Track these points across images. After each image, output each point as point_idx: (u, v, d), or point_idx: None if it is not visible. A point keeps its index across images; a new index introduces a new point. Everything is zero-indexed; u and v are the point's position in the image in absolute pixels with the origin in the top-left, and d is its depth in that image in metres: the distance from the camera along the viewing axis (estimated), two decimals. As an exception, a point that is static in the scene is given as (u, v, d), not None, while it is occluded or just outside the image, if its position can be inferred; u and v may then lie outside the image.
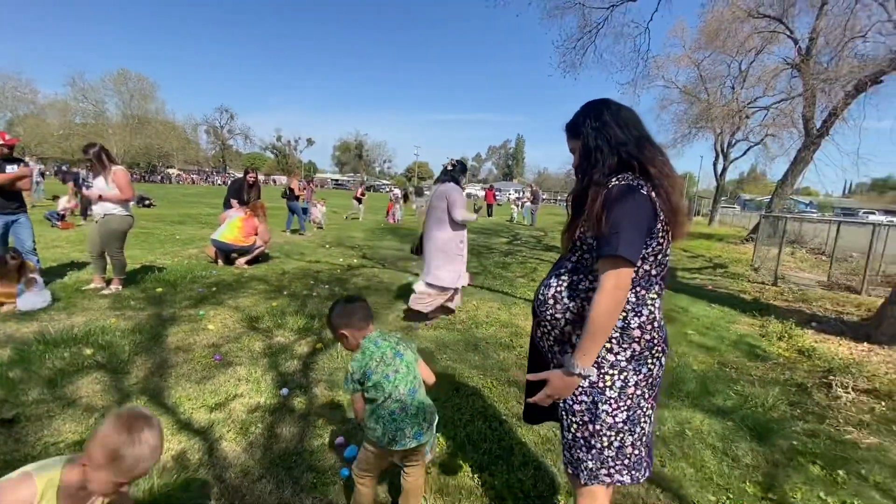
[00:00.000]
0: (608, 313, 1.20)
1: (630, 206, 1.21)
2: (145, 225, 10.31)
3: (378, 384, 1.60)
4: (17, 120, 44.22)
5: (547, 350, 1.44)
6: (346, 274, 6.35)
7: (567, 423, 1.38)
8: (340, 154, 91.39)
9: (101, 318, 3.88)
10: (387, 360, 1.64)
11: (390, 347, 1.68)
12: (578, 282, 1.34)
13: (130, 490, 1.61)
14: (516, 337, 4.05)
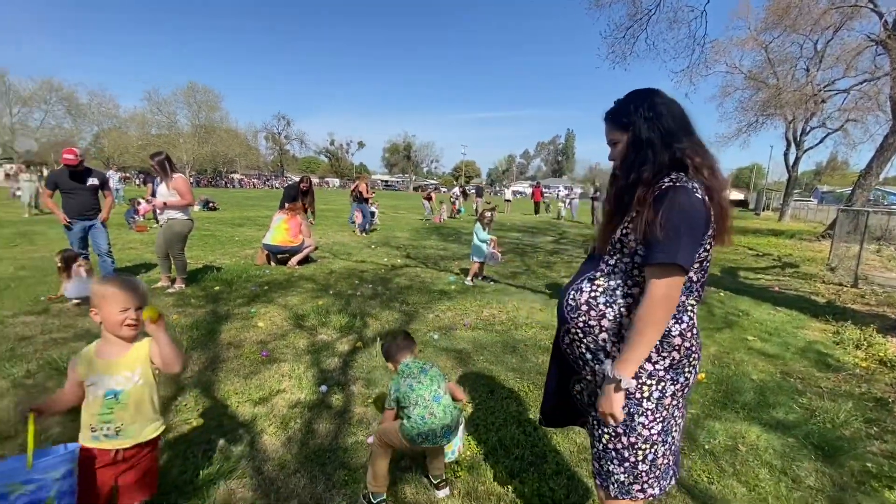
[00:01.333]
0: (656, 323, 1.14)
1: (688, 210, 1.13)
2: (208, 227, 11.07)
3: (406, 395, 1.89)
4: (103, 133, 49.06)
5: (576, 358, 1.36)
6: (390, 273, 6.47)
7: (598, 434, 1.33)
8: (390, 156, 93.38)
9: (166, 315, 4.20)
10: (413, 376, 1.95)
11: (418, 367, 1.99)
12: (616, 287, 1.25)
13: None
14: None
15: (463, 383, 2.98)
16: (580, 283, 1.34)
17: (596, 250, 1.37)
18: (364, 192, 10.97)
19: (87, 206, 4.94)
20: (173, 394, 2.75)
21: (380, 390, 2.83)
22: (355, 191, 11.23)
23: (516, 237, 11.85)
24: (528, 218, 20.32)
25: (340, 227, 13.00)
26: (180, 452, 2.16)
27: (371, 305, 4.77)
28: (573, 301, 1.33)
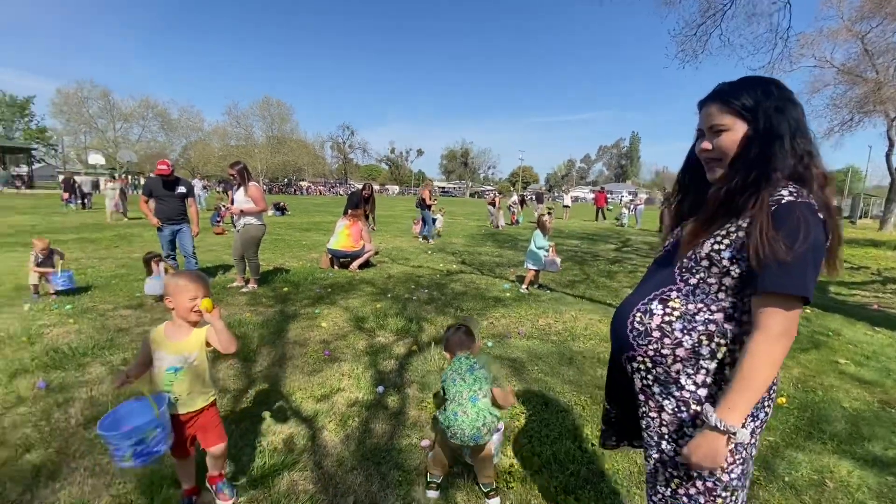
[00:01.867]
0: (774, 364, 0.97)
1: (815, 234, 0.95)
2: (279, 232, 11.83)
3: (447, 387, 1.97)
4: (190, 144, 54.17)
5: (641, 389, 1.18)
6: (446, 279, 6.54)
7: (665, 477, 1.15)
8: (447, 162, 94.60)
9: (240, 313, 4.56)
10: (460, 372, 1.98)
11: (467, 365, 2.01)
12: (696, 312, 1.07)
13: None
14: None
15: (518, 394, 2.94)
16: (649, 303, 1.14)
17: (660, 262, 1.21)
18: (427, 199, 11.23)
19: (176, 212, 5.48)
20: (245, 386, 2.97)
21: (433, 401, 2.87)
22: (420, 197, 11.47)
23: (575, 244, 11.51)
24: (589, 224, 19.68)
25: (400, 232, 13.36)
26: (250, 442, 2.33)
27: (426, 310, 4.86)
28: (641, 325, 1.14)
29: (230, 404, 2.73)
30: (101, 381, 2.97)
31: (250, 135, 54.03)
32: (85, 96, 45.93)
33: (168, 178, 5.35)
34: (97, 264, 6.78)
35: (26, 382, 2.90)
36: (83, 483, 1.97)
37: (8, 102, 50.33)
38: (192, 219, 5.60)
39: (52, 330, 3.90)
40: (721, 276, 1.04)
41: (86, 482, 1.98)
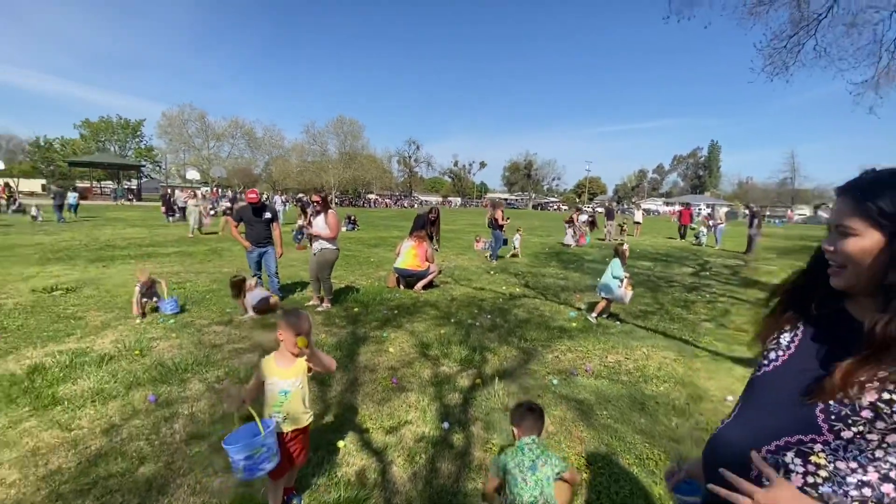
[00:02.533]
0: None
1: None
2: (349, 247, 12.45)
3: (508, 482, 1.90)
4: (271, 160, 58.73)
5: None
6: (508, 303, 6.51)
7: None
8: (510, 174, 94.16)
9: (316, 333, 4.86)
10: (521, 468, 1.88)
11: (530, 459, 1.91)
12: (848, 472, 0.84)
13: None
14: (696, 401, 3.54)
15: (585, 441, 2.86)
16: (780, 453, 0.89)
17: (768, 385, 0.97)
18: (499, 220, 10.99)
19: (262, 236, 6.00)
20: (322, 411, 3.17)
21: (499, 439, 2.87)
22: (491, 218, 11.23)
23: (647, 267, 10.91)
24: (661, 242, 18.51)
25: (462, 249, 13.50)
26: (326, 471, 2.49)
27: (490, 339, 4.87)
28: (769, 482, 0.87)
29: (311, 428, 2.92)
30: (199, 398, 3.32)
31: (325, 151, 57.49)
32: (185, 118, 51.59)
33: (256, 206, 5.89)
34: (193, 278, 7.57)
35: (139, 395, 3.31)
36: (186, 500, 2.22)
37: (123, 125, 57.81)
38: (276, 241, 6.09)
39: (158, 344, 4.42)
40: (887, 432, 0.82)
41: (188, 499, 2.22)
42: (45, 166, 53.46)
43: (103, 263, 8.74)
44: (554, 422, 3.08)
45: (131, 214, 22.50)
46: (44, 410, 3.04)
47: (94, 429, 2.85)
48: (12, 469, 2.42)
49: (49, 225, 16.63)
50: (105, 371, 3.70)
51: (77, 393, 3.31)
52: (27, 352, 4.10)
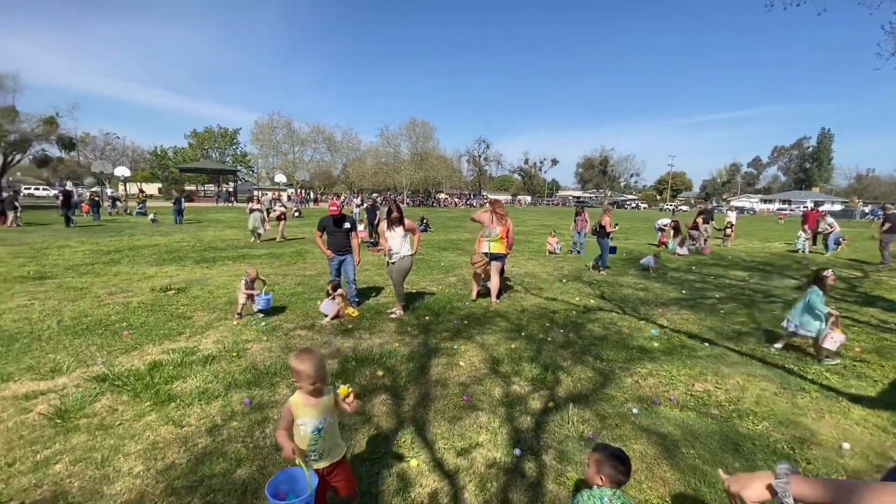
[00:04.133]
0: None
1: None
2: (420, 251, 12.74)
3: None
4: (349, 163, 61.91)
5: None
6: (583, 317, 6.26)
7: None
8: (583, 171, 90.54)
9: (390, 342, 5.05)
10: None
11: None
12: None
13: None
14: (802, 445, 3.14)
15: (669, 483, 2.67)
16: None
17: None
18: (607, 227, 10.07)
19: (343, 245, 6.35)
20: (395, 426, 3.28)
21: (575, 472, 2.77)
22: (597, 224, 10.31)
23: (740, 278, 9.89)
24: (757, 248, 16.67)
25: (532, 253, 13.23)
26: (400, 490, 2.57)
27: (563, 356, 4.72)
28: None
29: (383, 443, 3.04)
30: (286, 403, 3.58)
31: (398, 153, 59.50)
32: (274, 126, 56.15)
33: (337, 217, 6.24)
34: (281, 280, 8.21)
35: (237, 397, 3.65)
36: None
37: (222, 134, 64.14)
38: (354, 250, 6.41)
39: (251, 346, 4.85)
40: None
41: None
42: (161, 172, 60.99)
43: (207, 265, 9.79)
44: (634, 457, 2.90)
45: (229, 216, 24.94)
46: (161, 406, 3.47)
47: (200, 427, 3.20)
48: (137, 461, 2.79)
49: (164, 226, 18.96)
50: (208, 371, 4.14)
51: (187, 391, 3.74)
52: (148, 348, 4.70)
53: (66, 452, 2.85)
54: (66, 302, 6.41)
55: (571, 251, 13.53)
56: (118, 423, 3.22)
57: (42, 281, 7.78)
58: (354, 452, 2.91)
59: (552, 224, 26.45)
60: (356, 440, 3.06)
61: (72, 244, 12.69)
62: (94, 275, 8.41)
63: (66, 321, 5.51)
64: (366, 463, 2.81)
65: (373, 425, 3.27)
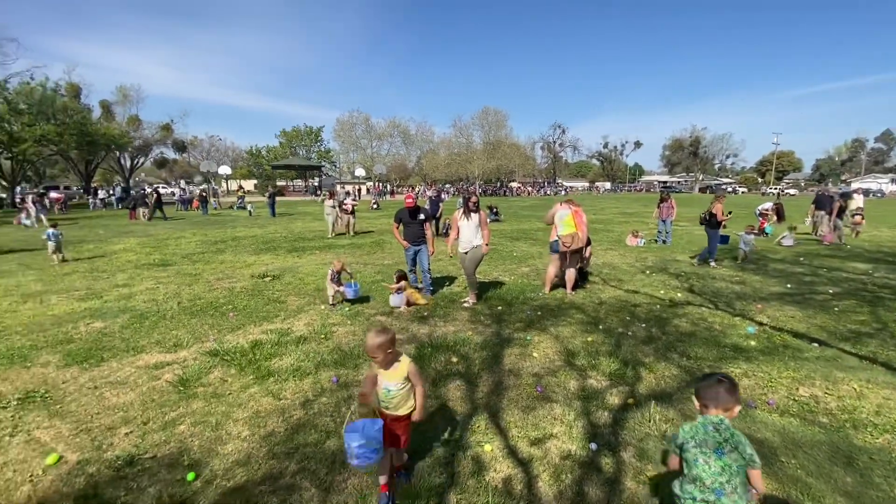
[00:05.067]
0: None
1: None
2: (493, 241, 12.73)
3: (689, 462, 1.79)
4: (423, 155, 63.20)
5: None
6: (668, 312, 5.88)
7: None
8: (671, 153, 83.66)
9: (464, 330, 5.16)
10: (704, 449, 1.76)
11: (715, 441, 1.75)
12: None
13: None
14: (935, 464, 2.72)
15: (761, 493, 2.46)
16: None
17: None
18: (719, 216, 8.91)
19: (417, 235, 6.57)
20: (469, 412, 3.37)
21: (654, 470, 2.66)
22: (707, 213, 9.11)
23: (862, 271, 8.59)
24: (887, 237, 14.30)
25: (611, 243, 12.61)
26: (474, 472, 2.66)
27: (644, 352, 4.49)
28: None
29: (459, 428, 3.15)
30: (368, 383, 3.84)
31: (470, 143, 59.55)
32: (353, 122, 58.89)
33: (412, 208, 6.46)
34: (362, 269, 8.70)
35: (325, 375, 3.98)
36: (362, 478, 2.62)
37: (308, 132, 68.54)
38: (428, 240, 6.60)
39: (337, 329, 5.23)
40: None
41: (363, 478, 2.62)
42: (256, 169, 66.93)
43: (297, 254, 10.66)
44: (723, 462, 2.71)
45: (316, 210, 26.74)
46: (262, 380, 3.90)
47: (294, 400, 3.55)
48: (244, 427, 3.17)
49: (261, 219, 20.90)
50: (300, 351, 4.55)
51: (283, 367, 4.15)
52: (250, 328, 5.27)
53: (188, 415, 3.33)
54: (183, 286, 7.37)
55: (656, 241, 12.67)
56: (228, 392, 3.68)
57: (164, 267, 9.01)
58: (430, 433, 3.05)
59: (634, 212, 24.95)
60: (432, 422, 3.20)
61: (186, 236, 14.49)
62: (204, 262, 9.56)
63: (184, 303, 6.34)
64: (441, 444, 2.94)
65: (448, 409, 3.39)
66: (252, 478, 2.62)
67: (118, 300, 6.49)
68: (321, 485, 2.56)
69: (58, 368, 4.15)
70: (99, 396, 3.62)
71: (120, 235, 14.65)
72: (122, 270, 8.70)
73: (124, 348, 4.64)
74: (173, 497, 2.45)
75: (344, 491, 2.51)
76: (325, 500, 2.44)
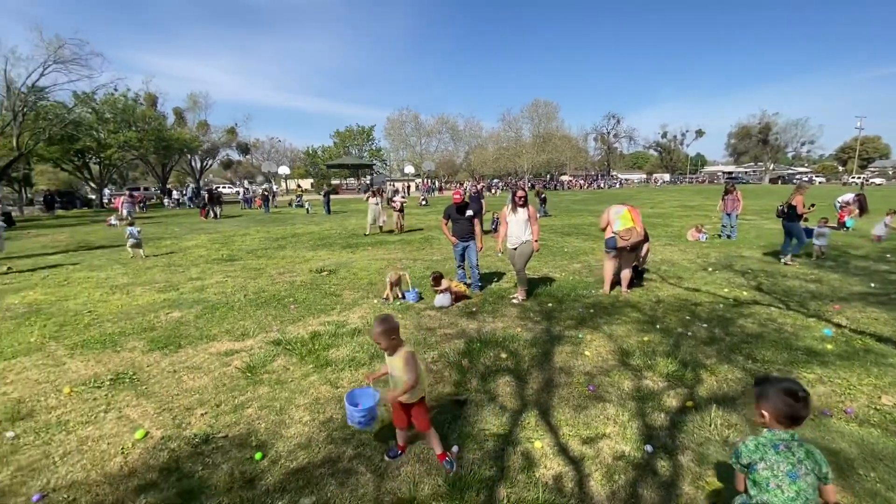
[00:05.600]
0: None
1: None
2: (543, 236, 12.53)
3: (758, 484, 1.62)
4: (471, 150, 63.07)
5: None
6: (732, 311, 5.53)
7: None
8: (737, 142, 77.84)
9: (512, 326, 5.15)
10: (776, 471, 1.59)
11: (789, 462, 1.59)
12: None
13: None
14: None
15: (840, 506, 2.29)
16: None
17: None
18: (799, 207, 8.16)
19: (466, 231, 6.62)
20: (518, 407, 3.38)
21: (714, 476, 2.55)
22: (785, 205, 8.44)
23: (966, 268, 7.62)
24: None
25: (670, 238, 12.00)
26: (525, 467, 2.67)
27: (705, 353, 4.27)
28: None
29: (509, 423, 3.17)
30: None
31: (519, 136, 58.71)
32: (403, 120, 59.89)
33: (460, 204, 6.50)
34: (411, 265, 8.88)
35: (379, 366, 4.11)
36: (414, 466, 2.72)
37: (360, 132, 70.51)
38: (477, 236, 6.63)
39: (389, 323, 5.39)
40: None
41: (416, 467, 2.71)
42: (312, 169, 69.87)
43: (351, 250, 11.07)
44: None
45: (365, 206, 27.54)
46: (320, 369, 4.12)
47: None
48: (305, 412, 3.38)
49: (317, 216, 21.85)
50: (355, 342, 4.75)
51: (339, 357, 4.36)
52: (309, 320, 5.57)
53: (255, 400, 3.59)
54: (249, 280, 7.89)
55: (719, 235, 11.91)
56: (290, 380, 3.92)
57: (231, 262, 9.69)
58: (480, 427, 3.10)
59: (696, 204, 23.55)
60: (481, 416, 3.24)
61: (251, 233, 15.46)
62: (267, 258, 10.17)
63: (250, 295, 6.80)
64: (490, 438, 2.98)
65: (497, 404, 3.42)
66: (313, 460, 2.80)
67: (192, 292, 7.07)
68: (376, 470, 2.68)
69: (143, 353, 4.61)
70: (178, 380, 3.98)
71: (192, 232, 15.89)
72: (195, 265, 9.46)
73: (198, 336, 5.06)
74: (244, 474, 2.67)
75: (398, 478, 2.62)
76: (380, 485, 2.56)
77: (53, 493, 2.56)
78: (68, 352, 4.69)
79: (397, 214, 14.84)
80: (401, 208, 15.03)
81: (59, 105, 28.73)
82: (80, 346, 4.85)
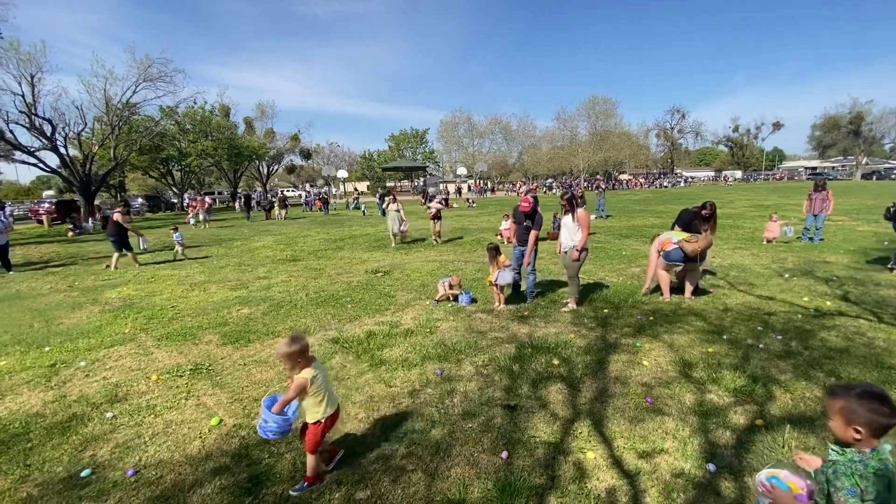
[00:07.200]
0: None
1: None
2: (598, 238, 12.12)
3: (866, 487, 1.40)
4: (524, 150, 62.22)
5: None
6: (812, 322, 5.06)
7: None
8: (822, 134, 70.57)
9: (565, 332, 5.05)
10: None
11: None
12: None
13: None
14: None
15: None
16: None
17: None
18: None
19: (523, 238, 6.55)
20: (571, 416, 3.32)
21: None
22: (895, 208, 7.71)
23: None
24: None
25: (741, 241, 11.16)
26: (576, 478, 2.62)
27: (779, 368, 3.95)
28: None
29: (560, 431, 3.12)
30: (470, 379, 3.98)
31: (575, 135, 57.11)
32: (456, 122, 60.28)
33: (527, 213, 6.45)
34: (463, 266, 8.95)
35: (430, 367, 4.23)
36: (463, 469, 2.76)
37: (414, 135, 71.87)
38: (528, 247, 6.55)
39: (441, 324, 5.49)
40: None
41: (465, 469, 2.75)
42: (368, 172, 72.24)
43: (404, 252, 11.34)
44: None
45: (421, 209, 28.04)
46: (375, 368, 4.28)
47: (403, 389, 3.83)
48: (360, 409, 3.53)
49: (373, 219, 22.58)
50: (408, 343, 4.88)
51: (393, 357, 4.50)
52: (364, 320, 5.79)
53: (316, 394, 3.79)
54: (310, 279, 8.33)
55: (800, 238, 10.90)
56: (347, 377, 4.11)
57: (294, 262, 10.27)
58: (530, 433, 3.08)
59: (771, 204, 21.70)
60: (531, 422, 3.22)
61: (312, 234, 16.29)
62: (326, 258, 10.68)
63: (311, 294, 7.18)
64: (541, 445, 2.95)
65: (548, 411, 3.38)
66: (367, 456, 2.92)
67: (260, 290, 7.59)
68: (427, 470, 2.76)
69: (217, 346, 5.02)
70: (247, 372, 4.31)
71: (260, 234, 17.02)
72: (262, 265, 10.13)
73: (265, 332, 5.43)
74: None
75: (448, 479, 2.67)
76: (431, 485, 2.62)
77: (144, 470, 2.87)
78: (155, 343, 5.21)
79: (435, 222, 13.00)
80: (437, 215, 13.00)
81: (148, 119, 31.91)
82: (165, 337, 5.37)
